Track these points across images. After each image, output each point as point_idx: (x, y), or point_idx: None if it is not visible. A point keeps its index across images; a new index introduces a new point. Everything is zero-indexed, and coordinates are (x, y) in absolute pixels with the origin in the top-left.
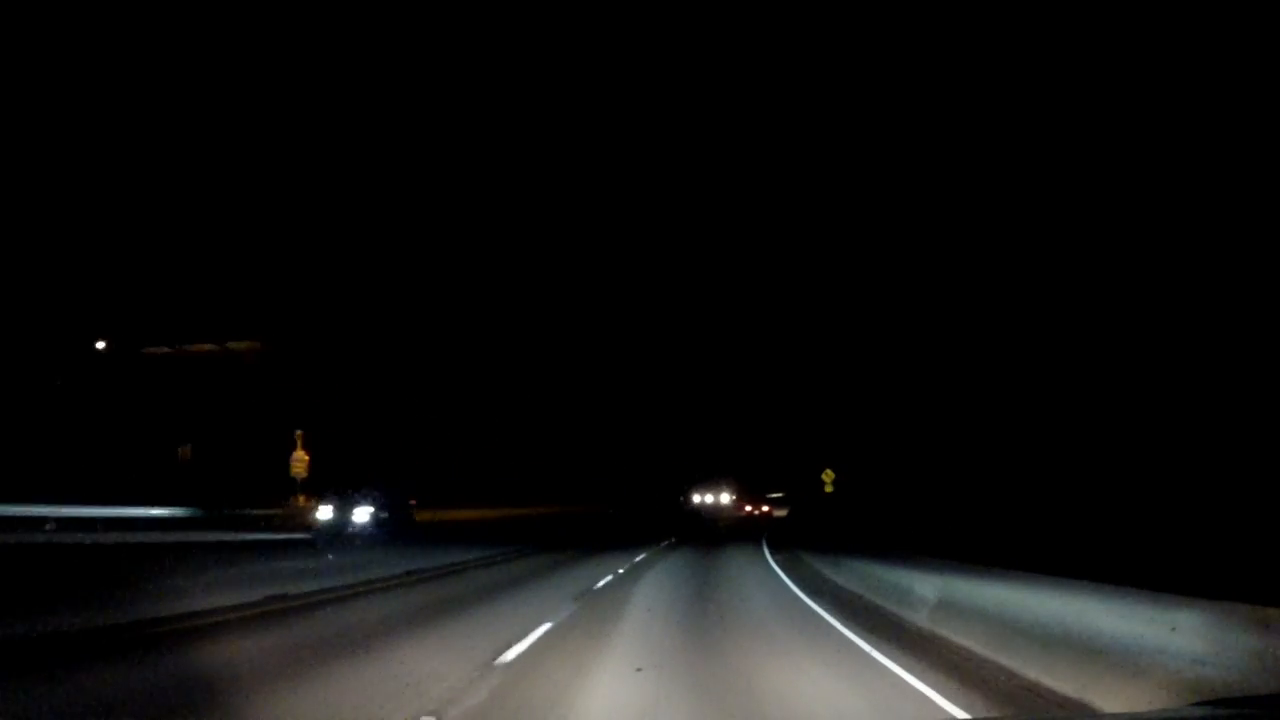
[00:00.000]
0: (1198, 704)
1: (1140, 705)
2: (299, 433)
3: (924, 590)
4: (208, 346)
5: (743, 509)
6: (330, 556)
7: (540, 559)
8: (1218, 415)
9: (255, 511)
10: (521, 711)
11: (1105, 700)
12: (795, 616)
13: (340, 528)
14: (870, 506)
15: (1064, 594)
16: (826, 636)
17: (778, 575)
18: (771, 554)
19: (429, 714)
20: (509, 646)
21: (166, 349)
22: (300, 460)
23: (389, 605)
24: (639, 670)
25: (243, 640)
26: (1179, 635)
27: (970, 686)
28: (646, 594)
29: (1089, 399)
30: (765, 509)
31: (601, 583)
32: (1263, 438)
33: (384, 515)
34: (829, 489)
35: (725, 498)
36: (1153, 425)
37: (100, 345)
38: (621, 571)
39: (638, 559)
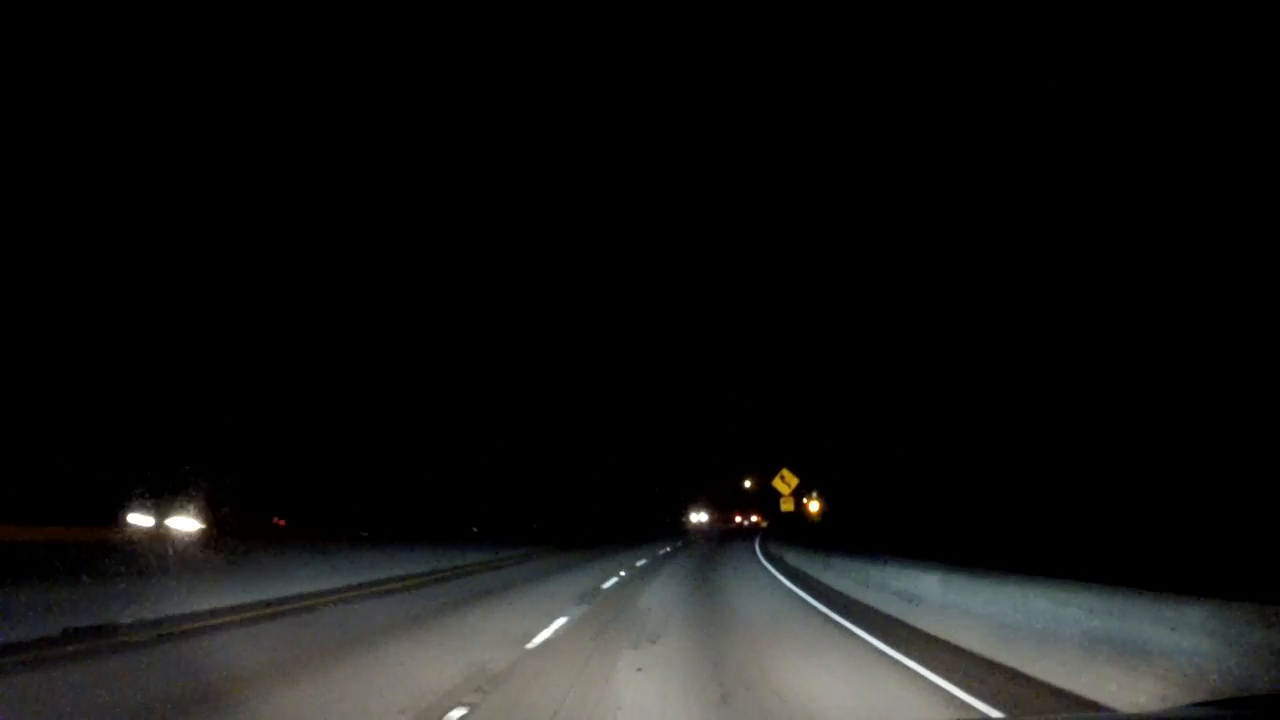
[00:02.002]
0: (1197, 704)
1: None
2: None
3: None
4: None
5: (732, 520)
6: None
7: None
8: (1217, 415)
9: None
10: None
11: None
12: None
13: None
14: (836, 517)
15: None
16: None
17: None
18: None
19: None
20: None
21: None
22: None
23: None
24: None
25: None
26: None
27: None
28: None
29: (1084, 400)
30: (754, 519)
31: None
32: (1262, 437)
33: None
34: (786, 506)
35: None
36: (1149, 425)
37: None
38: None
39: None
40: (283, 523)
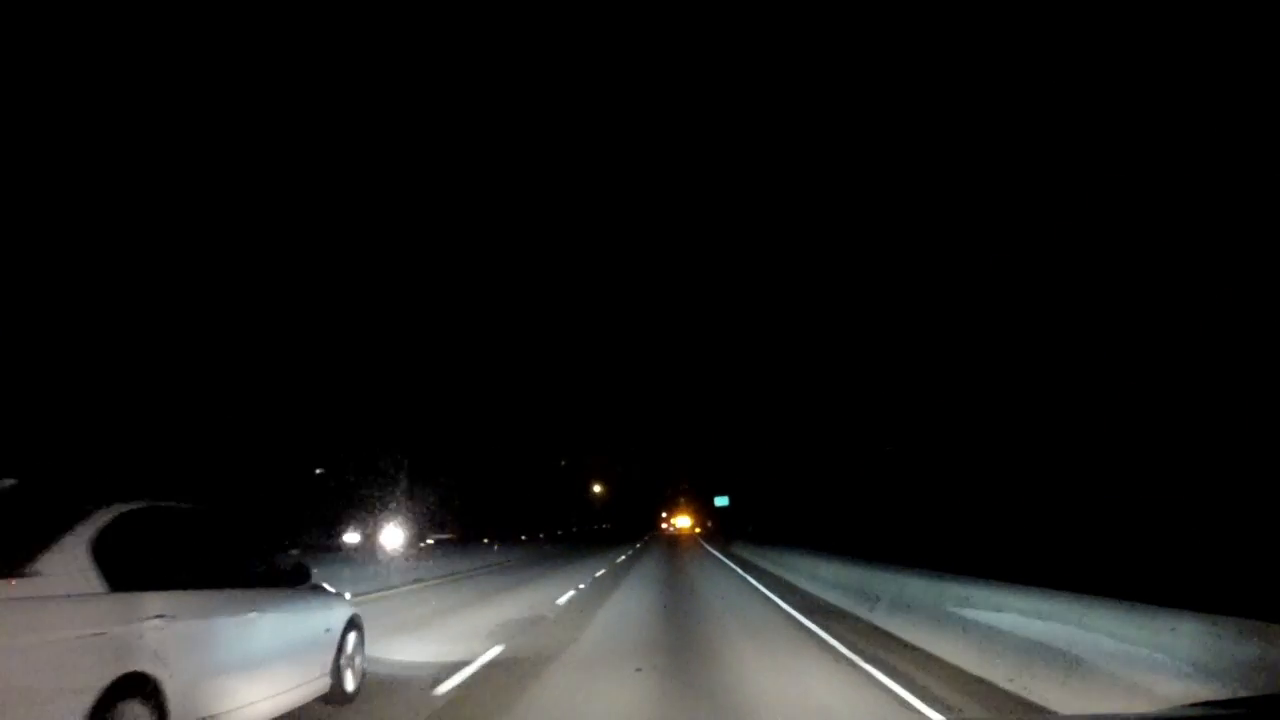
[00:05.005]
0: (1195, 704)
1: None
2: None
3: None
4: None
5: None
6: None
7: None
8: (1210, 422)
9: None
10: None
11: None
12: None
13: None
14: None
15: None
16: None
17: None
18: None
19: None
20: None
21: None
22: None
23: None
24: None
25: None
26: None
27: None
28: None
29: (1071, 403)
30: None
31: None
32: (1259, 445)
33: None
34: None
35: None
36: (1140, 431)
37: None
38: None
39: None
40: None
